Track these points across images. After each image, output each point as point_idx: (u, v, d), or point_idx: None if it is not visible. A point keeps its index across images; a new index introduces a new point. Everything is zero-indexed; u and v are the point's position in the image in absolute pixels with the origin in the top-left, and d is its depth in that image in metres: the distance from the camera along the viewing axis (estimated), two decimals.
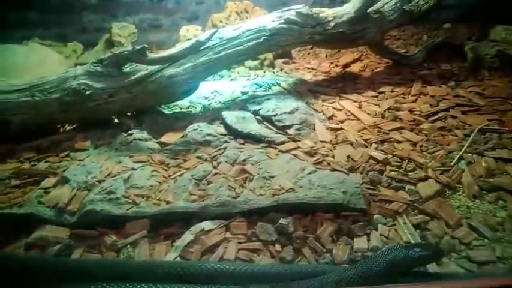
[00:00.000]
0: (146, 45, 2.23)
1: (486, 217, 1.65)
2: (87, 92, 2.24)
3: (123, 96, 2.30)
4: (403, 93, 2.81)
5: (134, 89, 2.29)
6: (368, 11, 2.98)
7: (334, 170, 1.92)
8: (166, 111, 2.62)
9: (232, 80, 3.18)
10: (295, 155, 2.04)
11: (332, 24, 2.81)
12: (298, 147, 2.13)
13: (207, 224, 1.60)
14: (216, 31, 2.35)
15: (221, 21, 3.41)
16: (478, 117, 2.41)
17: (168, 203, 1.70)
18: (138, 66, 2.33)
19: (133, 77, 2.30)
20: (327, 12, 2.83)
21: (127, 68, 2.32)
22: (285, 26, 2.63)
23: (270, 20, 2.61)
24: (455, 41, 3.92)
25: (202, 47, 2.38)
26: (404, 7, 3.19)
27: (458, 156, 1.99)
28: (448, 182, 1.81)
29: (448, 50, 3.66)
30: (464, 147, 2.04)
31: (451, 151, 2.05)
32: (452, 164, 1.94)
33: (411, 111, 2.52)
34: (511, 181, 1.82)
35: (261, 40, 2.54)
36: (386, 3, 3.12)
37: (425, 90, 2.82)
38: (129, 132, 2.27)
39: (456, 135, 2.21)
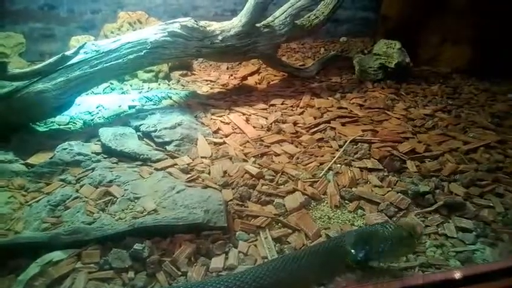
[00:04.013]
0: (6, 60, 2.07)
1: (344, 226, 1.72)
2: None
3: None
4: (292, 106, 2.89)
5: None
6: (257, 25, 3.04)
7: (207, 186, 1.89)
8: (41, 129, 2.44)
9: (123, 93, 3.06)
10: (170, 173, 1.98)
11: (220, 37, 2.81)
12: (175, 164, 2.08)
13: (57, 254, 1.48)
14: (84, 44, 2.24)
15: (112, 32, 3.27)
16: (355, 128, 2.53)
17: (16, 233, 1.56)
18: (1, 82, 2.14)
19: None
20: (214, 26, 2.84)
21: None
22: (169, 39, 2.58)
23: (152, 33, 2.55)
24: (350, 54, 4.16)
25: (76, 61, 2.25)
26: (295, 21, 3.31)
27: (327, 167, 2.06)
28: (313, 193, 1.87)
29: (341, 63, 3.87)
30: (334, 159, 2.13)
31: (323, 162, 2.12)
32: (321, 175, 2.01)
33: (295, 123, 2.59)
34: (371, 189, 1.93)
35: (142, 53, 2.46)
36: (276, 18, 3.20)
37: (313, 103, 2.92)
38: None
39: (331, 147, 2.31)
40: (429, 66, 3.79)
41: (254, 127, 2.55)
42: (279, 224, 1.72)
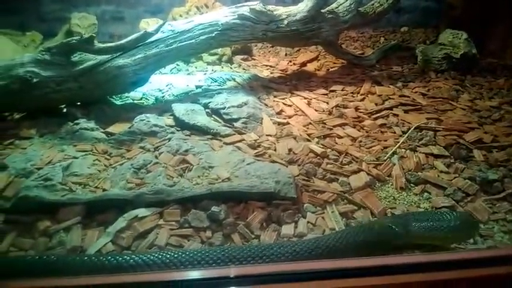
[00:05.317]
0: (94, 34, 2.24)
1: (409, 208, 1.75)
2: (34, 80, 2.22)
3: (71, 85, 2.28)
4: (352, 92, 2.92)
5: (82, 79, 2.29)
6: (322, 10, 3.07)
7: (273, 161, 1.98)
8: (118, 102, 2.63)
9: (189, 74, 3.21)
10: (238, 147, 2.09)
11: (286, 22, 2.88)
12: (243, 139, 2.18)
13: (141, 211, 1.62)
14: (164, 23, 2.38)
15: (181, 15, 3.43)
16: (418, 115, 2.52)
17: (104, 190, 1.72)
18: (86, 56, 2.32)
19: (81, 66, 2.29)
20: (281, 10, 2.90)
21: (75, 57, 2.31)
22: (238, 22, 2.68)
23: (223, 15, 2.65)
24: (411, 44, 4.09)
25: (153, 39, 2.40)
26: (359, 9, 3.30)
27: (392, 151, 2.09)
28: (377, 174, 1.90)
29: (402, 52, 3.82)
30: (399, 143, 2.14)
31: (386, 146, 2.15)
32: (385, 158, 2.04)
33: (357, 109, 2.62)
34: (438, 175, 1.93)
35: (213, 34, 2.58)
36: (341, 4, 3.22)
37: (374, 90, 2.93)
38: (76, 121, 2.26)
39: (394, 132, 2.32)
40: (495, 58, 3.66)
41: (316, 110, 2.60)
42: (345, 200, 1.78)
